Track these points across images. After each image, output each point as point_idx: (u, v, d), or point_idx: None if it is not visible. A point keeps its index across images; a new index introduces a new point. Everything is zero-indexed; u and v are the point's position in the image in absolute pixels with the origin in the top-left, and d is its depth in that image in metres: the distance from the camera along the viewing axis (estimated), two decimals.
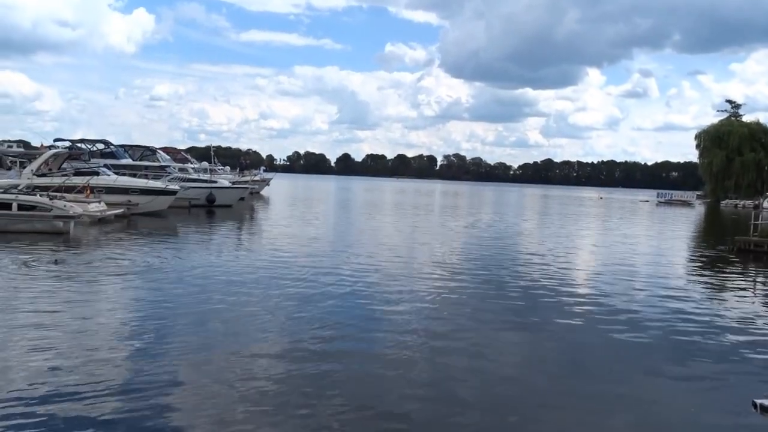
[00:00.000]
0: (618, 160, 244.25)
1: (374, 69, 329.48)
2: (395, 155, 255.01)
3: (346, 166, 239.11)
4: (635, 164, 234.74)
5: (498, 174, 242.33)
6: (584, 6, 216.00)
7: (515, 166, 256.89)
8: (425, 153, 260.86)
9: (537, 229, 30.77)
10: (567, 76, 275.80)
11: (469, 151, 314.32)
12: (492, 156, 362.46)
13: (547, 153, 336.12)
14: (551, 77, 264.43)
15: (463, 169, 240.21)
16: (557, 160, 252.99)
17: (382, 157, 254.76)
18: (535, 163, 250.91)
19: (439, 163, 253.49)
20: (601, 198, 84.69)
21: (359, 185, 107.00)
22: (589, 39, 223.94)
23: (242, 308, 9.77)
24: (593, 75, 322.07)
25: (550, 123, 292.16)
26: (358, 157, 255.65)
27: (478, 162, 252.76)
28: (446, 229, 27.39)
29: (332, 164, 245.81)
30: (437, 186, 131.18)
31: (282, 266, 14.02)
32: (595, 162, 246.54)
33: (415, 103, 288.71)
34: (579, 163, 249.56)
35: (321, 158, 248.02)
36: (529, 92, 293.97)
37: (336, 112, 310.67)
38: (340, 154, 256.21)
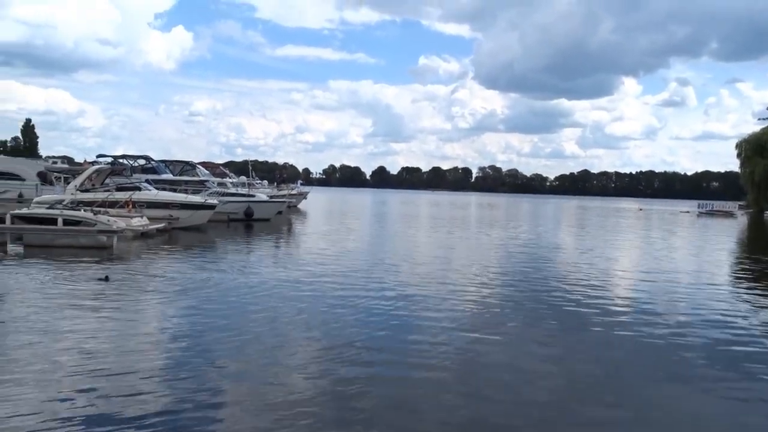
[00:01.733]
0: (657, 171, 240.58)
1: (408, 82, 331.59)
2: (430, 168, 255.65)
3: (381, 178, 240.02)
4: (674, 174, 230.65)
5: (534, 185, 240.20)
6: (619, 15, 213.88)
7: (551, 177, 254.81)
8: (460, 165, 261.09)
9: (575, 241, 30.32)
10: (603, 86, 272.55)
11: (504, 162, 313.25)
12: (528, 167, 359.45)
13: (583, 164, 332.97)
14: (587, 87, 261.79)
15: (498, 181, 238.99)
16: (594, 171, 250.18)
17: (417, 169, 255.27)
18: (572, 174, 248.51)
19: (474, 175, 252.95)
20: (640, 209, 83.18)
21: (395, 198, 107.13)
22: (624, 48, 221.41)
23: (280, 322, 9.83)
24: (629, 84, 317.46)
25: (587, 133, 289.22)
26: (394, 169, 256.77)
27: (513, 174, 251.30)
28: (482, 242, 27.19)
29: (368, 177, 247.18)
30: (473, 198, 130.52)
31: (319, 280, 14.07)
32: (634, 172, 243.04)
33: (450, 116, 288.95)
34: (617, 173, 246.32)
35: (356, 171, 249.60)
36: (564, 103, 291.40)
37: (371, 125, 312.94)
38: (375, 167, 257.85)
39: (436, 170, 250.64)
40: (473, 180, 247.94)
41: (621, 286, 15.43)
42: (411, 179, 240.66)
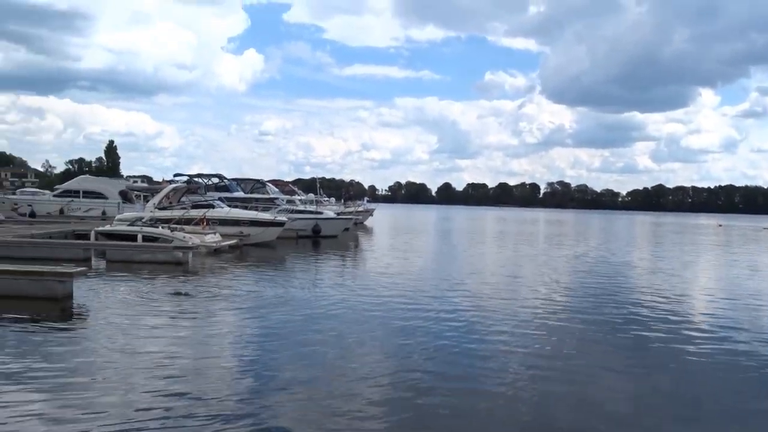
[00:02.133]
0: (737, 185, 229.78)
1: (474, 98, 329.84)
2: (497, 184, 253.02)
3: (447, 195, 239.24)
4: (757, 189, 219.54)
5: (605, 201, 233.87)
6: (694, 24, 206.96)
7: (624, 192, 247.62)
8: (527, 181, 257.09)
9: (650, 259, 29.31)
10: (677, 97, 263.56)
11: (573, 178, 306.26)
12: (598, 183, 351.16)
13: (658, 178, 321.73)
14: (660, 99, 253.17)
15: (567, 197, 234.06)
16: (669, 185, 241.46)
17: (484, 185, 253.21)
18: (646, 189, 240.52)
19: (542, 191, 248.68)
20: (719, 225, 79.62)
21: (460, 214, 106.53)
22: (700, 58, 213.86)
23: (348, 338, 9.96)
24: (706, 95, 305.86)
25: (661, 147, 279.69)
26: (459, 186, 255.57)
27: (583, 189, 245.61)
28: (551, 259, 26.68)
29: (433, 193, 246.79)
30: (541, 214, 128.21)
31: (386, 296, 14.17)
32: (712, 187, 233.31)
33: (517, 131, 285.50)
34: (694, 188, 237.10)
35: (422, 188, 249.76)
36: (636, 116, 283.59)
37: (436, 141, 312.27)
38: (440, 183, 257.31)
39: (502, 186, 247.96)
40: (541, 196, 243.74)
41: (697, 308, 14.84)
42: (477, 195, 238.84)
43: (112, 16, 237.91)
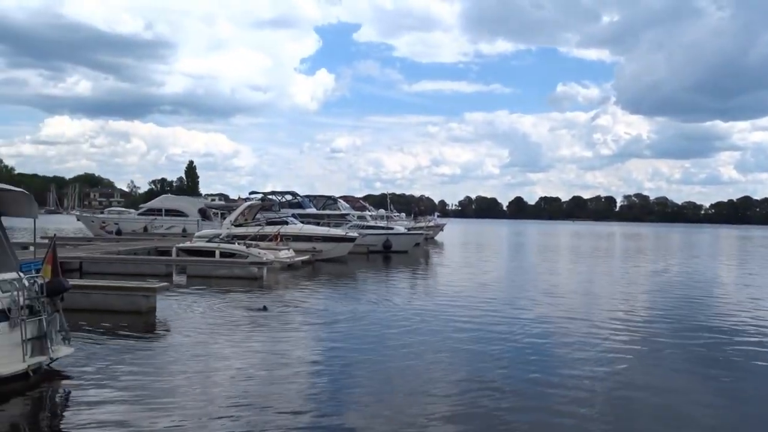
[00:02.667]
0: None
1: (545, 110, 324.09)
2: (570, 197, 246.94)
3: (518, 209, 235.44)
4: None
5: (686, 214, 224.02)
6: None
7: (707, 205, 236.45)
8: (603, 194, 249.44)
9: (736, 275, 27.99)
10: (765, 104, 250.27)
11: (652, 190, 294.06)
12: (679, 195, 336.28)
13: (744, 190, 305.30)
14: (745, 107, 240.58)
15: (645, 210, 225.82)
16: (757, 197, 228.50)
17: (557, 199, 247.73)
18: (731, 201, 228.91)
19: (618, 204, 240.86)
20: None
21: (533, 229, 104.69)
22: None
23: (419, 354, 10.00)
24: None
25: (747, 157, 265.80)
26: (531, 200, 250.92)
27: (663, 202, 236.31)
28: (628, 275, 25.89)
29: (504, 208, 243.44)
30: (617, 228, 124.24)
31: (458, 312, 14.15)
32: None
33: (591, 143, 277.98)
34: None
35: (493, 202, 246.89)
36: (719, 125, 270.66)
37: (507, 155, 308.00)
38: (512, 197, 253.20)
39: (576, 200, 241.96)
40: (617, 209, 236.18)
41: None
42: (550, 209, 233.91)
43: (192, 43, 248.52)
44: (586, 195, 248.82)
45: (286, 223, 28.60)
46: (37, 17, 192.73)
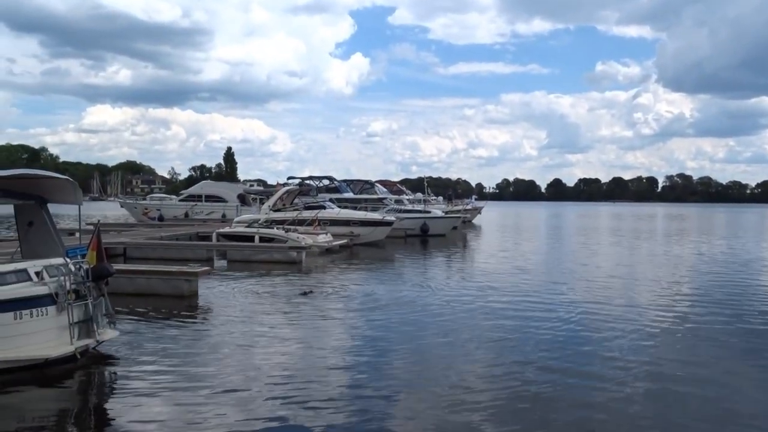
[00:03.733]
0: None
1: (584, 90, 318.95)
2: (610, 178, 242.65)
3: (557, 191, 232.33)
4: None
5: (731, 194, 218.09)
6: None
7: (753, 184, 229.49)
8: (644, 174, 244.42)
9: None
10: None
11: (695, 170, 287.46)
12: (723, 174, 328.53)
13: None
14: None
15: (688, 190, 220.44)
16: None
17: (596, 180, 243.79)
18: None
19: (660, 185, 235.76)
20: None
21: (572, 211, 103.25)
22: None
23: (458, 339, 9.96)
24: None
25: None
26: (570, 182, 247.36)
27: (706, 182, 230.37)
28: (670, 257, 25.31)
29: (543, 190, 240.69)
30: (659, 209, 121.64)
31: (496, 296, 14.04)
32: None
33: (631, 122, 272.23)
34: None
35: (531, 185, 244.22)
36: (765, 101, 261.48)
37: (545, 137, 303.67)
38: (550, 179, 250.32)
39: (616, 181, 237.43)
40: (659, 190, 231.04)
41: None
42: (589, 191, 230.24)
43: (228, 30, 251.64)
44: (627, 176, 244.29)
45: (324, 207, 28.70)
46: (77, 8, 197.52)
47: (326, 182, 39.74)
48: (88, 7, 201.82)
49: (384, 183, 54.80)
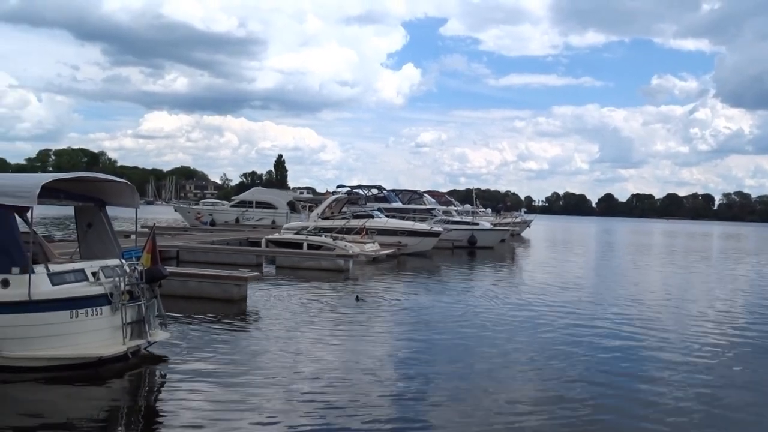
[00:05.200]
0: None
1: (638, 104, 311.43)
2: (664, 194, 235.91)
3: (608, 206, 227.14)
4: None
5: None
6: None
7: None
8: (700, 191, 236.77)
9: None
10: None
11: (754, 188, 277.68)
12: None
13: None
14: None
15: (746, 209, 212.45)
16: None
17: (650, 196, 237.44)
18: None
19: (717, 203, 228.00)
20: None
21: (623, 227, 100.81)
22: None
23: (502, 353, 9.78)
24: None
25: None
26: (622, 197, 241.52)
27: (765, 200, 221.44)
28: (726, 279, 24.38)
29: (593, 205, 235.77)
30: (715, 228, 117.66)
31: (543, 312, 13.74)
32: None
33: (687, 138, 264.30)
34: None
35: (581, 199, 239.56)
36: None
37: (597, 150, 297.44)
38: (601, 194, 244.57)
39: (671, 197, 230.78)
40: (716, 208, 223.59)
41: None
42: (642, 207, 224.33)
43: (282, 39, 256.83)
44: (682, 192, 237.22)
45: (372, 216, 28.76)
46: (139, 18, 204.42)
47: (375, 191, 39.80)
48: (150, 17, 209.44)
49: (432, 193, 54.56)
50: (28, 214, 8.05)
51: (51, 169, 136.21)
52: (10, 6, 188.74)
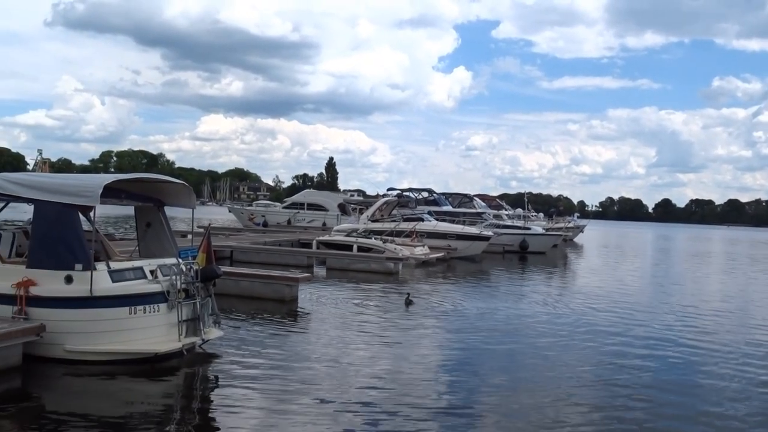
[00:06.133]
0: None
1: (698, 107, 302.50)
2: (725, 200, 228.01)
3: (665, 212, 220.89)
4: None
5: None
6: None
7: None
8: (763, 198, 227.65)
9: None
10: None
11: None
12: None
13: None
14: None
15: None
16: None
17: (710, 202, 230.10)
18: None
19: None
20: None
21: (681, 233, 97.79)
22: None
23: (552, 360, 9.62)
24: None
25: None
26: (680, 202, 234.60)
27: None
28: None
29: (650, 210, 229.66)
30: None
31: (595, 320, 13.43)
32: None
33: (750, 141, 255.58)
34: None
35: (637, 204, 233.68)
36: None
37: (654, 154, 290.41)
38: (658, 199, 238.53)
39: (732, 203, 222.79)
40: None
41: None
42: (701, 213, 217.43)
43: (335, 43, 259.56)
44: (744, 198, 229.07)
45: (422, 219, 28.73)
46: (198, 23, 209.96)
47: (425, 194, 39.79)
48: (208, 22, 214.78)
49: (483, 197, 54.17)
50: (91, 213, 8.35)
51: (112, 170, 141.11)
52: (79, 13, 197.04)
